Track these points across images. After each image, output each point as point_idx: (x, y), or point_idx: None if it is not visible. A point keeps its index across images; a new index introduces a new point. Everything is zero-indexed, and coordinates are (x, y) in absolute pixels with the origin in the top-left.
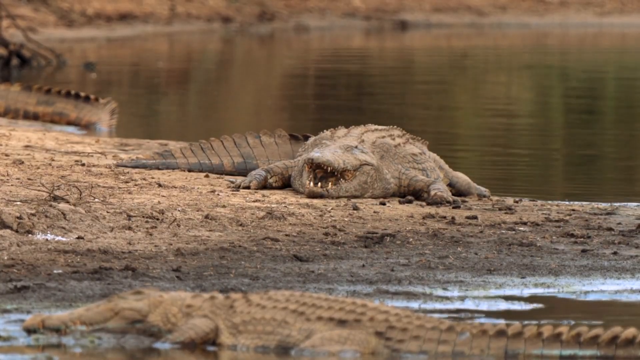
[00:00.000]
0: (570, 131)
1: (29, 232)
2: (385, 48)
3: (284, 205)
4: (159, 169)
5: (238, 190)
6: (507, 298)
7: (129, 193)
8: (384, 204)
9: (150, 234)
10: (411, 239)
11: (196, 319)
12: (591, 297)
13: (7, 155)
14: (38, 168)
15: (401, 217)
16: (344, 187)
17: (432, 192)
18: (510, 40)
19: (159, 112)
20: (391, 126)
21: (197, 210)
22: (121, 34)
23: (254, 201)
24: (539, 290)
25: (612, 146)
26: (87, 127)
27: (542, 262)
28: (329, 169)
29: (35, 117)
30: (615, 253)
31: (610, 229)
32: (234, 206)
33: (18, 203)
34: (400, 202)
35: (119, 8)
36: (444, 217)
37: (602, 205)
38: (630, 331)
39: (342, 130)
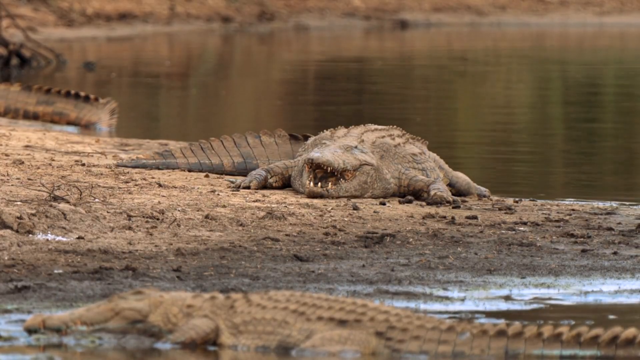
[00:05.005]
0: (570, 131)
1: (29, 232)
2: (385, 48)
3: (284, 205)
4: (159, 168)
5: (238, 190)
6: (507, 298)
7: (129, 193)
8: (384, 204)
9: (151, 234)
10: (411, 239)
11: (197, 319)
12: (591, 297)
13: (7, 155)
14: (38, 168)
15: (401, 217)
16: (344, 187)
17: (432, 192)
18: (509, 40)
19: (159, 112)
20: (391, 126)
21: (197, 210)
22: (121, 33)
23: (254, 201)
24: (539, 291)
25: (612, 146)
26: (87, 127)
27: (542, 262)
28: (329, 169)
29: (35, 117)
30: (615, 253)
31: (610, 229)
32: (234, 206)
33: (18, 203)
34: (400, 202)
35: (119, 7)
36: (444, 217)
37: (602, 205)
38: (631, 331)
39: (342, 130)
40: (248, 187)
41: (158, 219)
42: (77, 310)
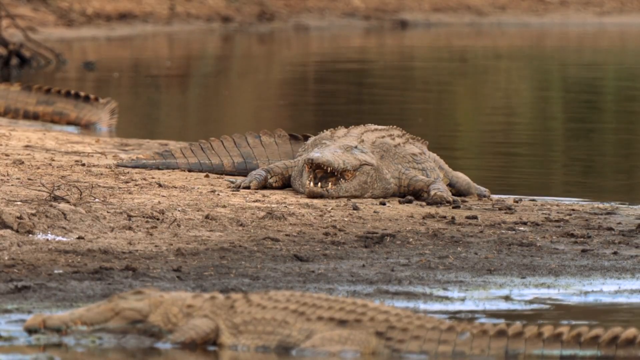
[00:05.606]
0: (570, 131)
1: (29, 232)
2: (385, 48)
3: (284, 205)
4: (159, 169)
5: (238, 190)
6: (507, 298)
7: (129, 193)
8: (384, 204)
9: (151, 234)
10: (411, 239)
11: (197, 319)
12: (591, 297)
13: (7, 155)
14: (38, 168)
15: (401, 217)
16: (344, 187)
17: (432, 192)
18: (509, 40)
19: (159, 112)
20: (391, 126)
21: (198, 210)
22: (121, 33)
23: (254, 201)
24: (539, 291)
25: (612, 146)
26: (87, 127)
27: (542, 262)
28: (329, 169)
29: (35, 117)
30: (615, 253)
31: (610, 229)
32: (234, 206)
33: (18, 203)
34: (400, 202)
35: (119, 7)
36: (444, 217)
37: (602, 205)
38: (631, 331)
39: (342, 130)
40: (248, 187)
41: (158, 219)
42: (77, 310)
